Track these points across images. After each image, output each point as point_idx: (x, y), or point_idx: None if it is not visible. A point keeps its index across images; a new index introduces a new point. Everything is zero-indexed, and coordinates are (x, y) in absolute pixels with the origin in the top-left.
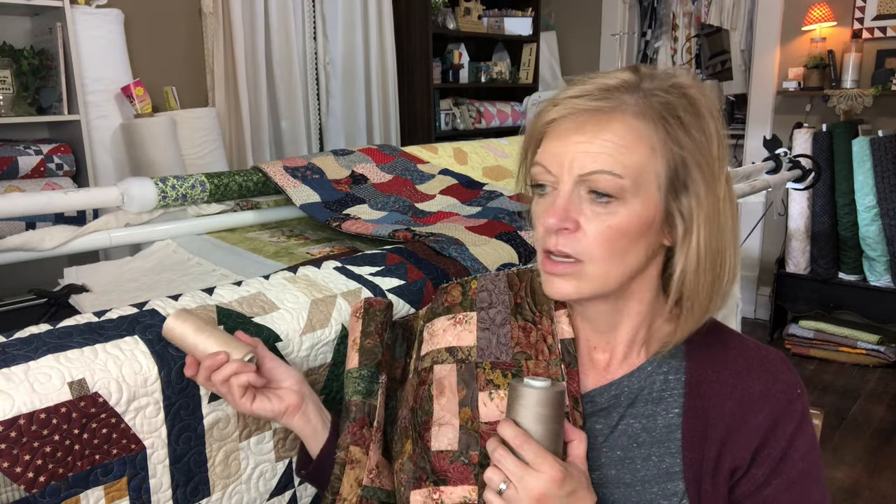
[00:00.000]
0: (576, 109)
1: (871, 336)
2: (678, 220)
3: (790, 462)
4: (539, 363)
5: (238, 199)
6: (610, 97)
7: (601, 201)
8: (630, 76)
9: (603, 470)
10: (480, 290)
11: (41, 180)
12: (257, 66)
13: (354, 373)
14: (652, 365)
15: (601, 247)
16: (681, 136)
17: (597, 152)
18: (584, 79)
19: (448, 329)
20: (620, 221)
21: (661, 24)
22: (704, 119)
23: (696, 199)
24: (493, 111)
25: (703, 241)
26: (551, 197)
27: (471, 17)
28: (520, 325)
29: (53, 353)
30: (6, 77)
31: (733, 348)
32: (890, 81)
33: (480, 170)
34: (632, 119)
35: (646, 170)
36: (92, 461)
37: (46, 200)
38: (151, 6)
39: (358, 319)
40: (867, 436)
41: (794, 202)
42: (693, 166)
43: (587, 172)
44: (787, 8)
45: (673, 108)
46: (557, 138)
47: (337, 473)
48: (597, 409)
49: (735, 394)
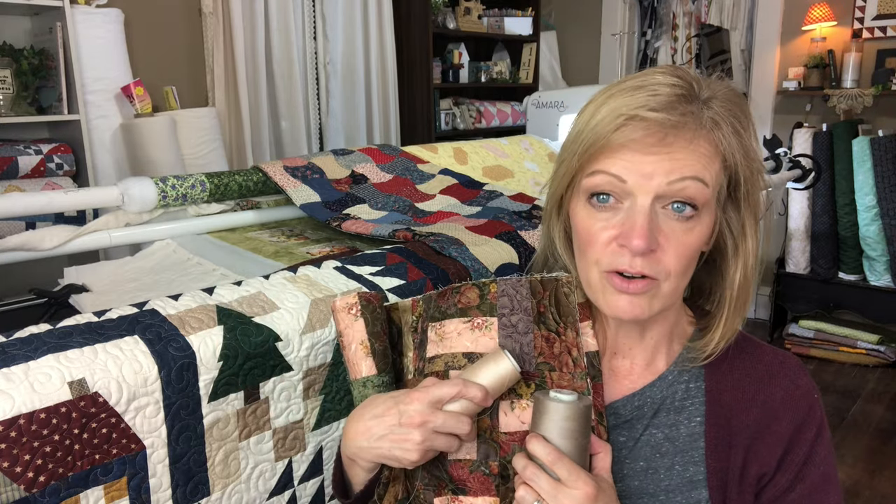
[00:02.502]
0: (658, 126)
1: (871, 336)
2: (727, 232)
3: (812, 467)
4: (563, 375)
5: (238, 199)
6: (685, 109)
7: (684, 215)
8: (681, 82)
9: (626, 481)
10: (501, 295)
11: (41, 180)
12: (257, 66)
13: (376, 381)
14: (673, 374)
15: (678, 265)
16: (748, 148)
17: (685, 161)
18: (640, 83)
19: (464, 332)
20: (696, 237)
21: (661, 24)
22: (753, 125)
23: (747, 210)
24: (493, 111)
25: (753, 250)
26: (618, 212)
27: (471, 17)
28: (543, 334)
29: (53, 352)
30: (6, 77)
31: (750, 354)
32: (890, 81)
33: (480, 170)
34: (711, 131)
35: (719, 182)
36: (92, 461)
37: (46, 200)
38: (151, 6)
39: (357, 318)
40: (867, 436)
41: (794, 202)
42: (750, 178)
43: (676, 179)
44: (787, 8)
45: (737, 116)
46: (634, 148)
47: (381, 493)
48: (621, 422)
49: (757, 401)
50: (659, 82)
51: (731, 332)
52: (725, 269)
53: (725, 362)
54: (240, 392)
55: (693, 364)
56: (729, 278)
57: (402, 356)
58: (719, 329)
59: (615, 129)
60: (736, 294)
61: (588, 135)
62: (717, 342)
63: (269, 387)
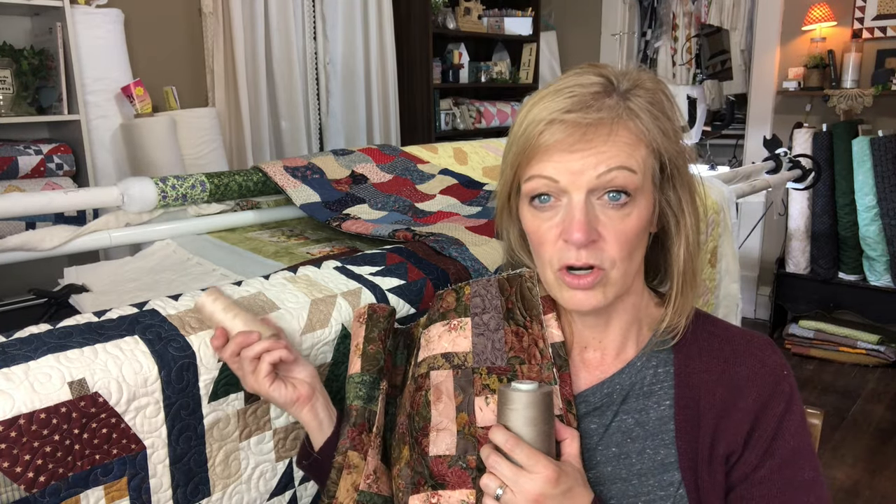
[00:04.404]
0: (575, 126)
1: (871, 336)
2: (668, 211)
3: (781, 441)
4: (532, 367)
5: (238, 199)
6: (602, 104)
7: (618, 203)
8: (600, 79)
9: (599, 468)
10: (474, 296)
11: (41, 180)
12: (257, 66)
13: (356, 378)
14: (641, 360)
15: (621, 250)
16: (668, 130)
17: (609, 153)
18: (560, 87)
19: (443, 335)
20: (633, 222)
21: (661, 24)
22: (677, 111)
23: (682, 188)
24: (493, 111)
25: (691, 226)
26: (559, 211)
27: (471, 17)
28: (512, 329)
29: (53, 352)
30: (6, 77)
31: (718, 337)
32: (890, 81)
33: (480, 170)
34: (628, 120)
35: (647, 166)
36: (92, 461)
37: (46, 200)
38: (151, 6)
39: (361, 325)
40: (867, 436)
41: (794, 202)
42: (677, 157)
43: (603, 171)
44: (787, 8)
45: (659, 104)
46: (560, 149)
47: (333, 478)
48: (591, 409)
49: (723, 380)
50: (576, 83)
51: (685, 309)
52: (671, 246)
53: (695, 345)
54: (240, 392)
55: (662, 347)
56: (674, 254)
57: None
58: (671, 305)
59: (538, 133)
60: (682, 269)
61: (519, 142)
62: (670, 318)
63: None
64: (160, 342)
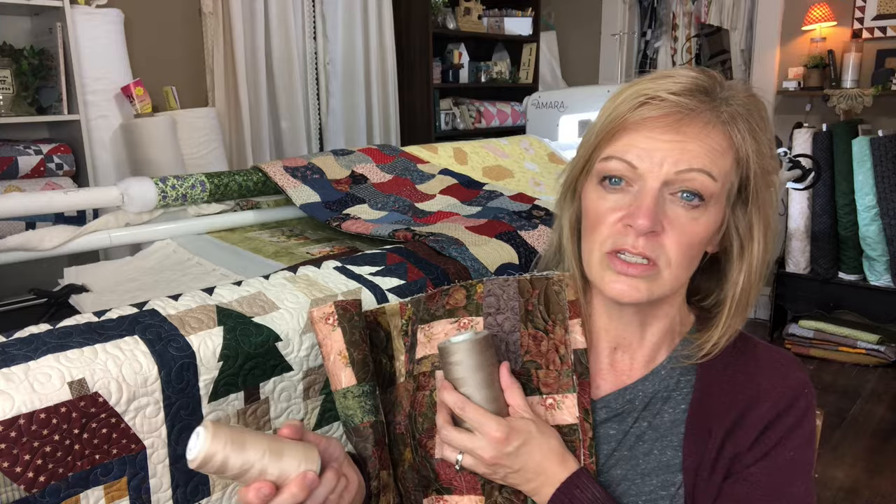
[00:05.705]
0: (675, 107)
1: (871, 336)
2: (734, 234)
3: (781, 449)
4: (550, 373)
5: (238, 199)
6: (705, 99)
7: (690, 204)
8: (708, 78)
9: (611, 472)
10: (488, 295)
11: (41, 180)
12: (257, 66)
13: (356, 391)
14: (666, 369)
15: (681, 253)
16: (761, 149)
17: (695, 151)
18: (665, 73)
19: (450, 333)
20: (700, 229)
21: (661, 24)
22: (770, 129)
23: (755, 213)
24: (493, 111)
25: (760, 254)
26: (627, 194)
27: (471, 17)
28: (530, 333)
29: (53, 352)
30: (6, 77)
31: (744, 353)
32: (890, 81)
33: (480, 170)
34: (724, 125)
35: (728, 178)
36: (92, 461)
37: (46, 200)
38: (151, 6)
39: (334, 328)
40: (867, 436)
41: (794, 202)
42: (760, 179)
43: (684, 170)
44: (787, 8)
45: (758, 120)
46: (648, 133)
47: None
48: (612, 415)
49: (743, 391)
50: (684, 73)
51: (729, 334)
52: (729, 270)
53: (720, 360)
54: (240, 392)
55: (688, 361)
56: (732, 280)
57: (393, 360)
58: (718, 329)
59: (634, 107)
60: (738, 296)
61: (607, 119)
62: (714, 341)
63: (269, 387)
64: (160, 342)
